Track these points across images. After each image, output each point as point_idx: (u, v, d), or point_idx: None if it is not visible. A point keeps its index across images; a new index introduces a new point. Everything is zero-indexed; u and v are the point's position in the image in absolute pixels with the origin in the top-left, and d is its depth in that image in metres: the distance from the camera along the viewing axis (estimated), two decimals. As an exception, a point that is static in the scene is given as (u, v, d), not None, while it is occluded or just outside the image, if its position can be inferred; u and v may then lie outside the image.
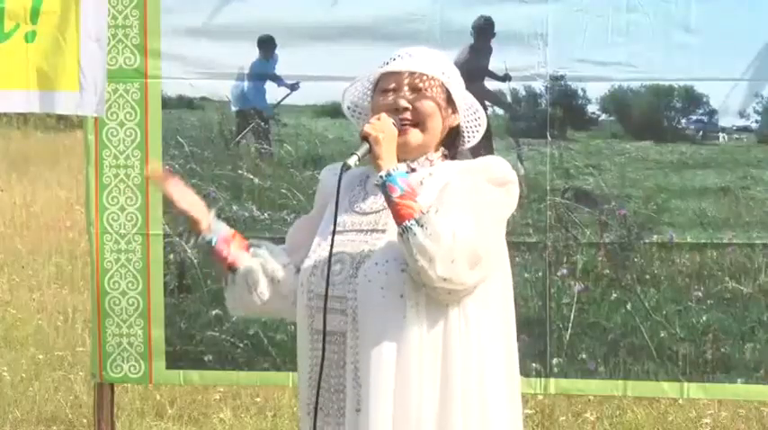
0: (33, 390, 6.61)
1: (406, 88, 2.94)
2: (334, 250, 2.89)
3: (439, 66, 2.99)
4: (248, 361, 4.78)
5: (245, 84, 4.74)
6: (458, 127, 3.03)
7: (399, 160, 2.89)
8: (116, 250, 4.78)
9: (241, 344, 4.77)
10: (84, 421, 6.15)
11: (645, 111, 4.56)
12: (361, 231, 2.92)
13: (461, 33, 4.55)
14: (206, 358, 4.81)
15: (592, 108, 4.58)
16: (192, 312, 4.80)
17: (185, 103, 4.77)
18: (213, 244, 3.07)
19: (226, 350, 4.79)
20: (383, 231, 2.90)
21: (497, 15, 4.55)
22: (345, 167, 2.85)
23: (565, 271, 4.58)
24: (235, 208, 4.75)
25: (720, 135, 4.53)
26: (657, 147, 4.57)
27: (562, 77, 4.55)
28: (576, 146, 4.59)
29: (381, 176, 2.83)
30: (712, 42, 4.45)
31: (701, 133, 4.55)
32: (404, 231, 2.78)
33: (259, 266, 3.07)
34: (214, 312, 4.78)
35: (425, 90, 2.95)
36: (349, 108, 3.11)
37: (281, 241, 4.66)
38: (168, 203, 4.73)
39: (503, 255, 2.97)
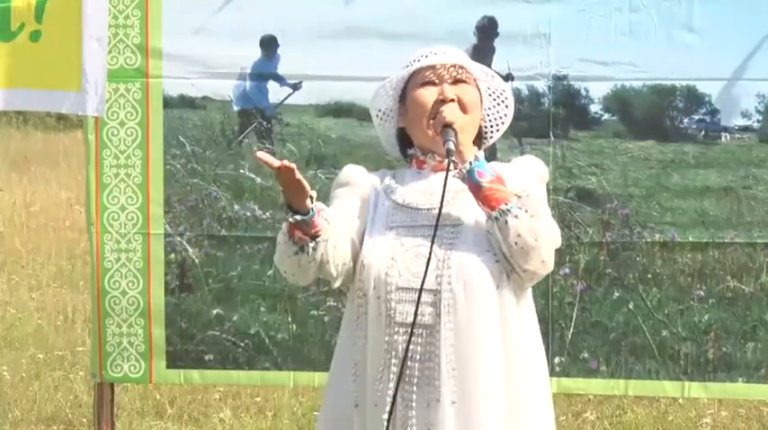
0: (33, 390, 6.61)
1: (448, 79, 2.98)
2: (411, 245, 2.91)
3: (472, 62, 3.05)
4: (249, 360, 4.78)
5: (247, 83, 4.74)
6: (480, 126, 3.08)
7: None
8: (116, 249, 4.77)
9: (242, 344, 4.77)
10: (84, 421, 6.15)
11: (647, 111, 4.56)
12: (430, 226, 2.89)
13: (465, 33, 4.55)
14: (206, 358, 4.80)
15: (594, 108, 4.59)
16: (193, 312, 4.80)
17: (187, 103, 4.77)
18: (311, 216, 2.89)
19: (226, 349, 4.79)
20: (458, 225, 2.91)
21: (501, 15, 4.56)
22: (451, 154, 2.85)
23: (567, 270, 4.58)
24: (237, 207, 4.75)
25: (722, 135, 4.54)
26: (660, 147, 4.57)
27: (565, 77, 4.56)
28: (578, 145, 4.60)
29: (470, 163, 2.87)
30: (714, 42, 4.46)
31: (703, 133, 4.56)
32: (501, 214, 2.81)
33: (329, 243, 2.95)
34: (215, 311, 4.78)
35: (466, 81, 2.99)
36: (377, 115, 3.11)
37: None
38: (169, 202, 4.78)
39: None
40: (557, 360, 4.59)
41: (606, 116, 4.60)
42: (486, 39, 4.56)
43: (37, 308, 8.38)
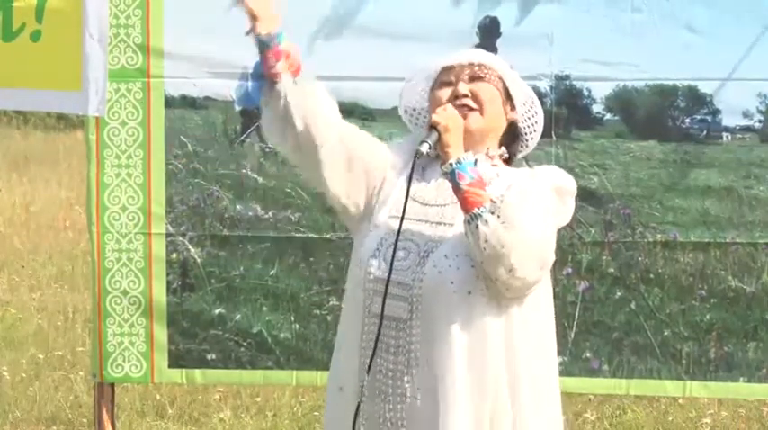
0: (33, 390, 6.61)
1: (465, 77, 2.99)
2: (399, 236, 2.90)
3: (497, 61, 3.05)
4: (251, 360, 4.78)
5: (249, 83, 4.74)
6: (516, 125, 3.06)
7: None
8: (117, 249, 4.77)
9: (244, 343, 4.78)
10: (84, 421, 6.15)
11: (649, 111, 4.57)
12: (427, 222, 2.93)
13: (467, 33, 4.56)
14: (209, 357, 4.80)
15: (596, 108, 4.60)
16: (195, 311, 4.80)
17: (189, 103, 4.77)
18: (270, 46, 3.00)
19: (229, 349, 4.79)
20: (451, 225, 2.91)
21: (503, 16, 4.57)
22: (418, 155, 2.84)
23: (569, 269, 4.59)
24: (239, 207, 4.75)
25: (724, 134, 4.54)
26: (661, 147, 4.58)
27: (567, 77, 4.57)
28: (580, 145, 4.61)
29: (451, 164, 2.83)
30: (716, 42, 4.47)
31: (704, 133, 4.56)
32: (472, 219, 2.77)
33: (297, 99, 2.97)
34: (217, 311, 4.79)
35: (484, 79, 3.00)
36: (406, 112, 3.14)
37: (285, 241, 4.72)
38: (171, 202, 4.78)
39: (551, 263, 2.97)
40: (559, 359, 4.58)
41: (608, 116, 4.60)
42: (488, 39, 4.56)
43: (37, 308, 8.38)
